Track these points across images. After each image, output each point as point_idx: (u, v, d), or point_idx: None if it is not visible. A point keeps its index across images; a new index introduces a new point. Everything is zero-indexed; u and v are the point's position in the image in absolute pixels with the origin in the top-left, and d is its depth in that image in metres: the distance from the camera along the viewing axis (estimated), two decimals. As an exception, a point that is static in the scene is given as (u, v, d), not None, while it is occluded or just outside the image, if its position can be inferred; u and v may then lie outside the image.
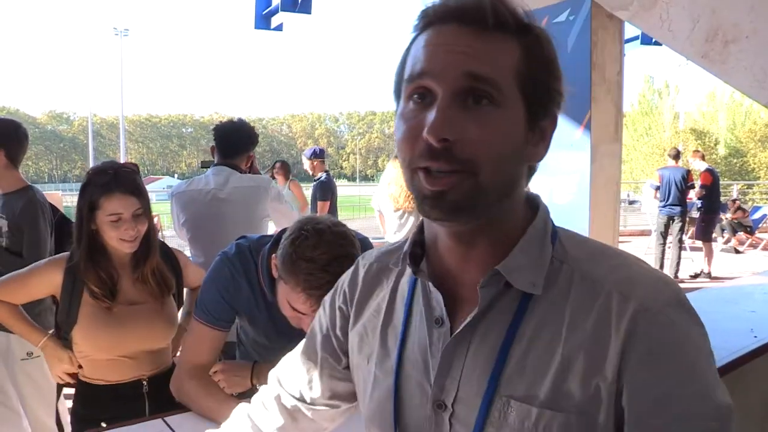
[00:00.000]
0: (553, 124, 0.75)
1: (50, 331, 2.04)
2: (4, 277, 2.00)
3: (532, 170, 0.77)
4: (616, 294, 0.69)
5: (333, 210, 6.34)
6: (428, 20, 0.72)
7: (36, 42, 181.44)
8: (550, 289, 0.73)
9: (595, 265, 0.73)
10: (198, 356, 1.74)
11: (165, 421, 1.64)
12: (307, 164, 6.44)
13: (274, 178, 6.55)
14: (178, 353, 2.04)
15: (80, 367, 1.97)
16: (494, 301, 0.74)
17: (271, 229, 3.16)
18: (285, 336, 1.78)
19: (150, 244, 1.99)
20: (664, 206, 8.37)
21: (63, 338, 1.98)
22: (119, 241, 1.89)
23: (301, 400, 1.00)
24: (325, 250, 1.47)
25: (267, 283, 1.68)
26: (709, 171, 8.72)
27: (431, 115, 0.67)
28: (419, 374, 0.80)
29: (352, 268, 0.99)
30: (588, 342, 0.68)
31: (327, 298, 1.02)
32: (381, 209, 4.45)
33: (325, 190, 6.27)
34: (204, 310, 1.73)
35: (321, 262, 1.46)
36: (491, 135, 0.67)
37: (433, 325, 0.79)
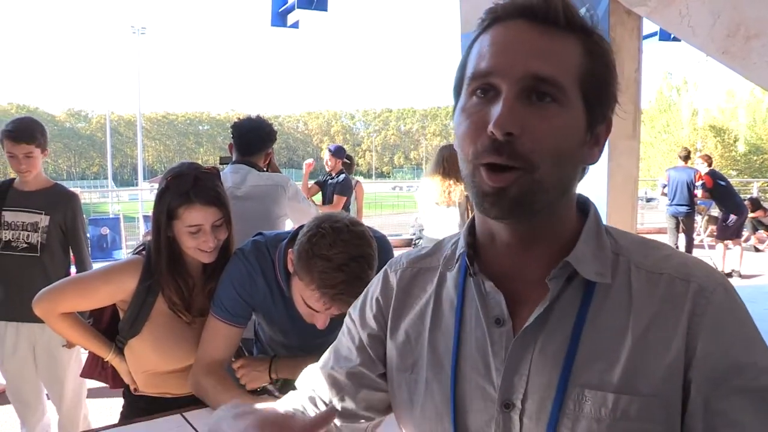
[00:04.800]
0: (608, 129, 0.77)
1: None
2: (60, 284, 1.84)
3: (583, 172, 0.78)
4: (677, 279, 0.72)
5: (346, 210, 6.29)
6: (495, 16, 0.73)
7: (55, 41, 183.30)
8: (612, 280, 0.75)
9: (645, 256, 0.76)
10: (215, 352, 1.75)
11: (183, 416, 1.66)
12: (328, 158, 6.39)
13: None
14: None
15: (135, 390, 1.90)
16: (560, 294, 0.75)
17: (289, 227, 3.17)
18: (302, 332, 1.79)
19: (228, 255, 1.86)
20: (670, 205, 8.53)
21: (117, 348, 1.89)
22: (196, 251, 1.78)
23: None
24: (341, 249, 1.46)
25: (284, 279, 1.69)
26: (710, 174, 8.55)
27: (496, 110, 0.68)
28: (480, 377, 0.78)
29: (380, 276, 0.97)
30: (656, 324, 0.70)
31: (354, 310, 0.98)
32: (422, 203, 4.52)
33: (345, 187, 6.25)
34: (221, 307, 1.74)
35: (337, 261, 1.45)
36: (553, 131, 0.69)
37: (492, 325, 0.78)
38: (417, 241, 5.08)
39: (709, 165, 8.61)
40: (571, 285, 0.75)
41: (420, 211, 4.67)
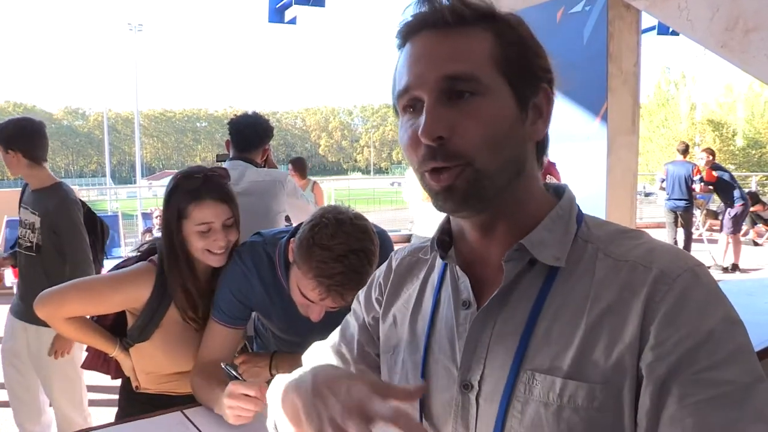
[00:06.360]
0: (548, 100, 0.78)
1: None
2: (65, 289, 1.77)
3: (541, 147, 0.81)
4: (639, 265, 0.71)
5: None
6: (403, 36, 0.78)
7: (52, 39, 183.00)
8: (575, 266, 0.75)
9: (618, 245, 0.75)
10: (212, 353, 1.76)
11: (183, 413, 1.66)
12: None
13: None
14: None
15: (137, 387, 1.89)
16: (519, 278, 0.76)
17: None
18: (300, 331, 1.80)
19: None
20: (668, 200, 8.52)
21: (122, 345, 1.87)
22: (206, 252, 1.73)
23: None
24: (342, 240, 1.47)
25: (284, 272, 1.69)
26: (712, 167, 8.54)
27: (422, 119, 0.72)
28: (446, 358, 0.81)
29: (386, 262, 1.01)
30: (611, 311, 0.70)
31: (362, 293, 1.04)
32: (409, 200, 4.57)
33: None
34: (219, 310, 1.75)
35: (336, 251, 1.46)
36: (479, 123, 0.72)
37: (460, 308, 0.81)
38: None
39: (713, 159, 8.62)
40: (533, 269, 0.76)
41: (409, 208, 4.72)
